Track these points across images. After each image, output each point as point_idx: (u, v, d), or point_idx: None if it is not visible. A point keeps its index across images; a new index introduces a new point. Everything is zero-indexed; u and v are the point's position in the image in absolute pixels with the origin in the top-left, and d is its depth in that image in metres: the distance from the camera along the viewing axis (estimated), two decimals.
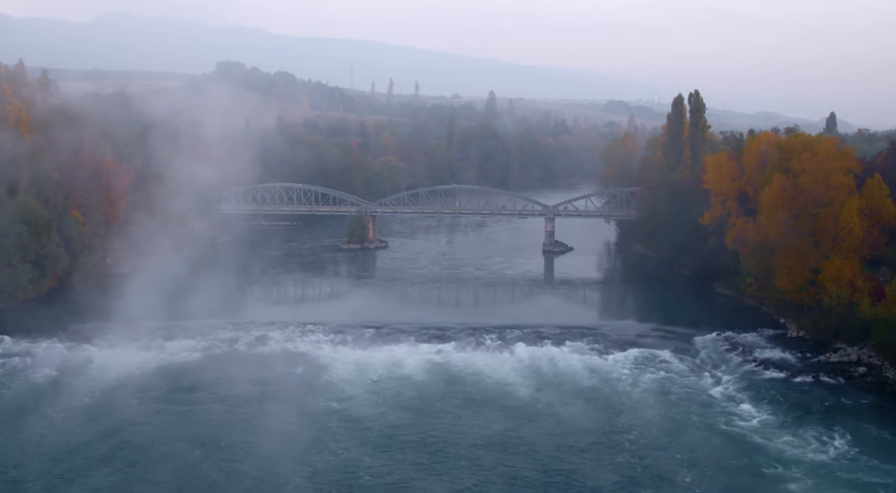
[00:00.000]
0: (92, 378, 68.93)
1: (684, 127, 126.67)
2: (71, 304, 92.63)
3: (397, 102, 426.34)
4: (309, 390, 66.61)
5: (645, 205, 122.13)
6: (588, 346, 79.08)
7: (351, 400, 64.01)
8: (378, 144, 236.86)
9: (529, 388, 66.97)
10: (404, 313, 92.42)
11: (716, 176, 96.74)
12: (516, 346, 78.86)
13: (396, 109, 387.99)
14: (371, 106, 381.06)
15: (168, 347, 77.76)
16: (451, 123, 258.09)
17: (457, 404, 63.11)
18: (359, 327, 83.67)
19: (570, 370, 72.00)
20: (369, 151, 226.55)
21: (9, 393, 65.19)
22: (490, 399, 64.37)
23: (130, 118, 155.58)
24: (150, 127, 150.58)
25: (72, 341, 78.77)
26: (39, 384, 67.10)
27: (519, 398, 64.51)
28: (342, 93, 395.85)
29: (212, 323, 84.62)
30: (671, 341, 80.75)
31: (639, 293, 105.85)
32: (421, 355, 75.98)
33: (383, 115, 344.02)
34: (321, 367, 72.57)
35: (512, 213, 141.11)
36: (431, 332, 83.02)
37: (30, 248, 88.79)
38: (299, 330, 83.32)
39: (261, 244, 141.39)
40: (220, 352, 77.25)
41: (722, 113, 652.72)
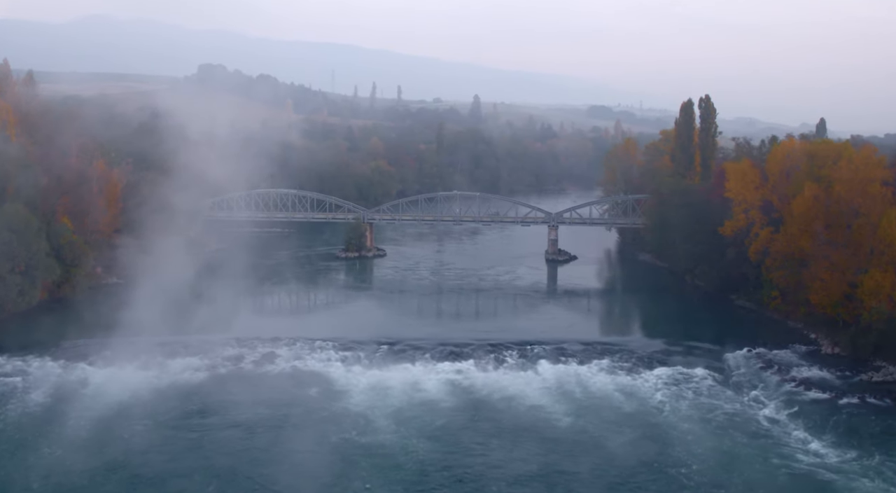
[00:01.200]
0: (91, 402, 64.01)
1: (694, 133, 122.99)
2: (62, 317, 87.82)
3: (380, 105, 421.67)
4: (326, 415, 61.99)
5: (655, 213, 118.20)
6: (615, 364, 75.06)
7: (373, 428, 59.18)
8: (367, 149, 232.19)
9: (563, 413, 62.46)
10: (415, 328, 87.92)
11: (738, 184, 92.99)
12: (539, 364, 74.82)
13: (380, 112, 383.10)
14: (355, 110, 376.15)
15: (169, 366, 72.82)
16: (441, 128, 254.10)
17: (489, 434, 58.45)
18: (370, 343, 79.08)
19: (602, 392, 67.76)
20: (358, 155, 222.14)
21: (3, 419, 60.03)
22: (524, 427, 59.76)
23: (114, 121, 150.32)
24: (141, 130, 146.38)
25: (66, 358, 73.77)
26: (35, 409, 62.09)
27: (555, 426, 59.95)
28: (325, 96, 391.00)
29: (213, 339, 79.81)
30: (701, 359, 76.68)
31: (655, 306, 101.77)
32: (440, 375, 71.66)
33: (367, 119, 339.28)
34: (336, 388, 68.10)
35: (515, 220, 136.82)
36: (447, 349, 78.48)
37: (19, 258, 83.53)
38: (307, 347, 78.57)
39: (254, 252, 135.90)
40: (225, 371, 72.47)
41: None
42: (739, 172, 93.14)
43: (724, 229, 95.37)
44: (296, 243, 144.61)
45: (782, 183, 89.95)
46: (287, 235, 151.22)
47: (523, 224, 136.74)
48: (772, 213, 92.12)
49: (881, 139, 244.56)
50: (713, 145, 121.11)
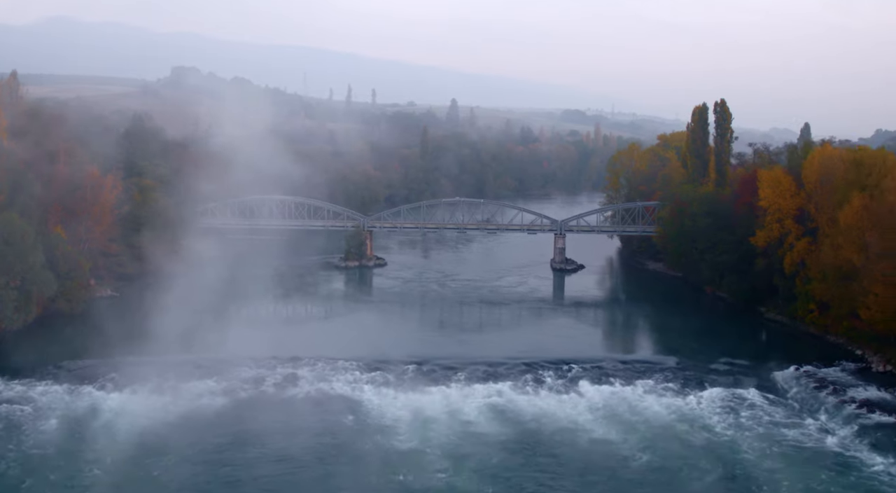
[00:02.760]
0: (108, 432, 58.42)
1: (708, 138, 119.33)
2: (60, 335, 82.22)
3: (355, 109, 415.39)
4: (370, 447, 56.71)
5: (671, 221, 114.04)
6: (659, 384, 70.79)
7: (426, 468, 53.36)
8: (352, 154, 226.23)
9: (628, 446, 57.20)
10: (440, 345, 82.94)
11: (772, 193, 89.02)
12: (580, 385, 70.29)
13: (356, 116, 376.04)
14: (332, 113, 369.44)
15: (184, 390, 67.11)
16: (425, 132, 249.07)
17: (556, 473, 52.69)
18: (396, 363, 73.99)
19: (656, 417, 63.20)
20: (343, 160, 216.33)
21: (13, 454, 54.17)
22: (592, 465, 54.07)
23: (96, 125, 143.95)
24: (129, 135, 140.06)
25: (71, 382, 68.00)
26: (49, 444, 56.06)
27: (626, 464, 54.30)
28: (301, 100, 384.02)
29: (226, 359, 74.32)
30: (748, 378, 72.61)
31: (681, 319, 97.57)
32: (480, 399, 66.77)
33: (344, 122, 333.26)
34: (372, 415, 62.90)
35: (521, 228, 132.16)
36: (479, 368, 73.80)
37: (14, 271, 77.25)
38: (330, 367, 73.25)
39: (248, 262, 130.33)
40: (246, 396, 66.96)
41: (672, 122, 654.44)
42: (773, 179, 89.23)
43: (756, 240, 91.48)
44: (289, 252, 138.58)
45: (819, 191, 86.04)
46: (276, 242, 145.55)
47: (530, 232, 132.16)
48: (807, 222, 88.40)
49: (868, 140, 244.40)
50: (729, 151, 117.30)
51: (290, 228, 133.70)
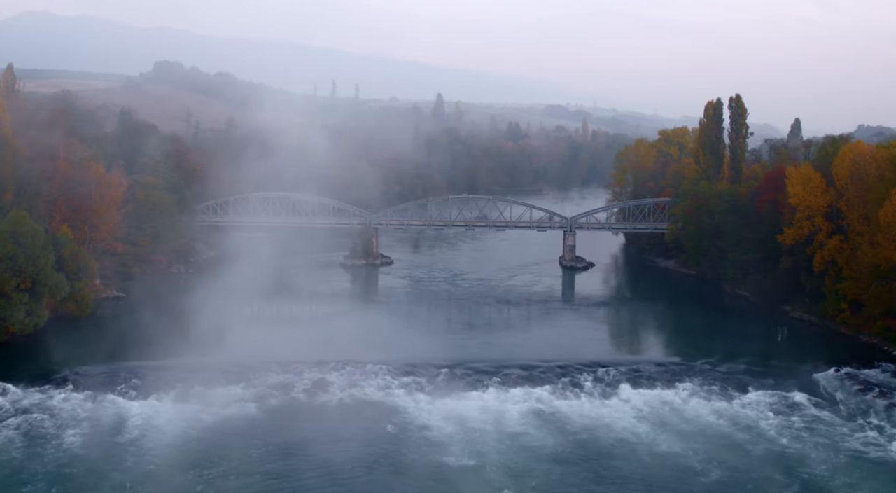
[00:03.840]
0: (140, 443, 55.35)
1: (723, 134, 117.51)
2: (71, 339, 78.95)
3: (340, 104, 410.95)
4: (418, 458, 54.07)
5: (688, 218, 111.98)
6: (700, 387, 68.76)
7: (483, 479, 50.73)
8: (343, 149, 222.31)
9: (687, 454, 54.54)
10: (468, 348, 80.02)
11: (803, 190, 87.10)
12: (620, 389, 68.09)
13: (342, 112, 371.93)
14: (320, 109, 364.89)
15: (211, 397, 64.11)
16: (417, 127, 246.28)
17: (623, 487, 50.46)
18: (427, 367, 71.34)
19: (711, 425, 60.81)
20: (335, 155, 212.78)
21: (41, 471, 50.92)
22: (653, 475, 51.62)
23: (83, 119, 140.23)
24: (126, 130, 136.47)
25: (90, 388, 64.79)
26: (76, 457, 52.91)
27: (686, 471, 52.01)
28: (286, 95, 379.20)
29: (250, 363, 71.14)
30: (789, 380, 70.52)
31: (705, 318, 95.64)
32: (520, 405, 64.38)
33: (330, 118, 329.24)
34: (413, 423, 60.24)
35: (530, 225, 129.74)
36: (513, 372, 71.33)
37: (26, 273, 73.86)
38: (359, 371, 70.45)
39: (251, 260, 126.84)
40: (276, 403, 64.09)
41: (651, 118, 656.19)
42: (804, 176, 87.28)
43: (784, 237, 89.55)
44: (292, 250, 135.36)
45: (851, 189, 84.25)
46: (280, 241, 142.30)
47: (539, 229, 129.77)
48: (838, 220, 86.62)
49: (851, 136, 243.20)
50: (744, 148, 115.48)
51: (293, 225, 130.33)
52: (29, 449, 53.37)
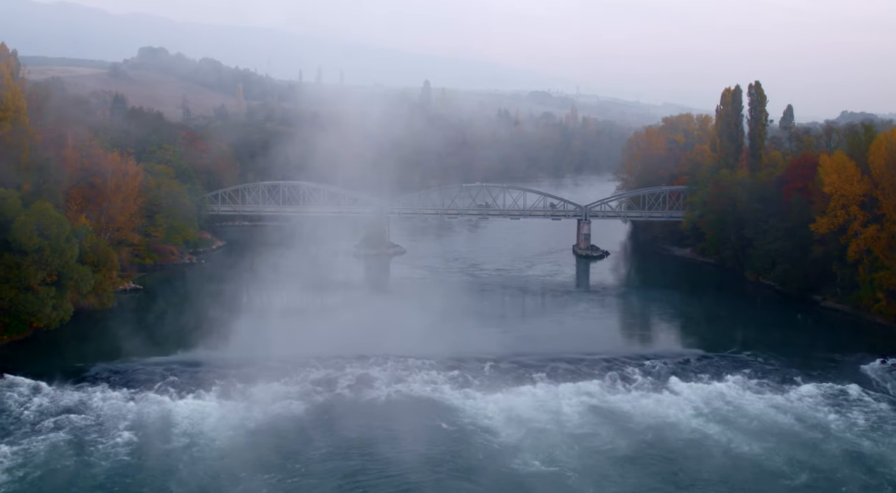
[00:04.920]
0: (192, 445, 53.02)
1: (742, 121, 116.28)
2: (98, 334, 76.97)
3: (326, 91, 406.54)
4: (483, 458, 52.10)
5: (710, 207, 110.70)
6: (749, 380, 67.49)
7: (562, 484, 48.63)
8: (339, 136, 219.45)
9: (765, 455, 52.45)
10: (506, 341, 77.17)
11: (839, 178, 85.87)
12: (671, 382, 66.66)
13: (328, 98, 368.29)
14: (303, 96, 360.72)
15: (254, 394, 62.02)
16: (413, 114, 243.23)
17: (698, 487, 48.74)
18: (470, 361, 69.49)
19: (772, 419, 59.15)
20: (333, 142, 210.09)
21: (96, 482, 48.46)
22: (737, 479, 49.49)
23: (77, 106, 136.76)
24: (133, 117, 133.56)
25: (128, 386, 62.63)
26: (128, 461, 50.33)
27: (770, 474, 49.97)
28: (272, 82, 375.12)
29: (285, 358, 68.86)
30: (837, 371, 69.63)
31: (735, 308, 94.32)
32: (572, 399, 62.73)
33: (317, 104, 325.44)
34: (468, 420, 58.27)
35: (544, 214, 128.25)
36: (559, 365, 69.56)
37: (51, 266, 71.29)
38: (401, 366, 68.59)
39: (261, 251, 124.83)
40: (323, 400, 62.03)
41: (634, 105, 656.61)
42: (839, 165, 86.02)
43: (818, 226, 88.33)
44: (302, 240, 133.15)
45: (887, 177, 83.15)
46: (280, 229, 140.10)
47: (554, 218, 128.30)
48: (873, 209, 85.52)
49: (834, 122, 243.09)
50: (764, 135, 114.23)
51: (303, 214, 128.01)
52: (79, 457, 50.67)
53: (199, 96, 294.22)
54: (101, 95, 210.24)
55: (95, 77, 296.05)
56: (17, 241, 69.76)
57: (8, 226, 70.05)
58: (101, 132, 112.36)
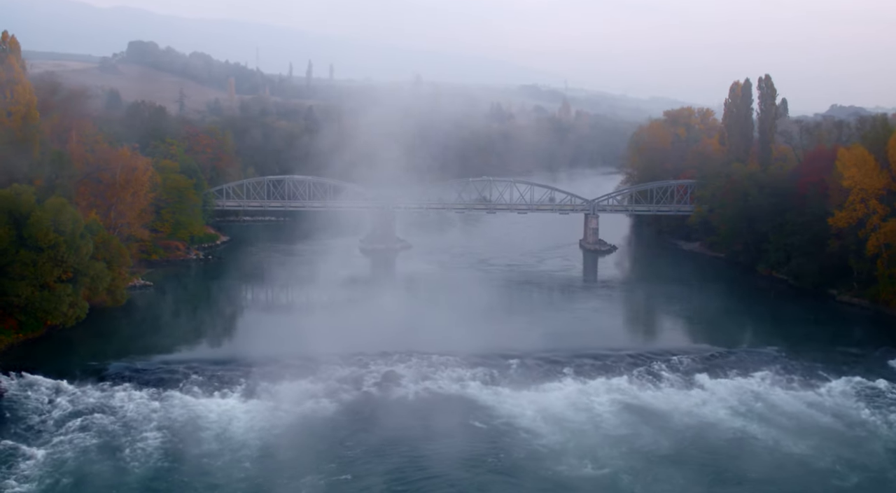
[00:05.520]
0: (224, 446, 51.83)
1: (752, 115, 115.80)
2: (115, 332, 75.79)
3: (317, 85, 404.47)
4: (522, 457, 51.24)
5: (722, 200, 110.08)
6: (777, 376, 67.00)
7: (608, 484, 48.00)
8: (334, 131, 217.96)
9: (812, 454, 51.57)
10: (527, 338, 75.57)
11: (858, 172, 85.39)
12: (698, 377, 66.14)
13: (320, 92, 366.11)
14: (295, 90, 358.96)
15: (280, 392, 60.92)
16: (409, 109, 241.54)
17: (750, 489, 48.02)
18: (495, 358, 68.46)
19: (810, 417, 58.49)
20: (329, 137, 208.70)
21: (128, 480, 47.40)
22: (787, 480, 48.67)
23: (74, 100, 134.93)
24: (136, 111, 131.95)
25: (150, 385, 61.33)
26: (163, 471, 48.44)
27: (819, 474, 49.13)
28: (262, 76, 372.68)
29: (307, 355, 67.52)
30: (865, 366, 69.17)
31: (749, 302, 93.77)
32: (603, 396, 62.07)
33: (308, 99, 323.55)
34: (501, 418, 57.49)
35: (552, 208, 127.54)
36: (584, 361, 68.71)
37: (67, 263, 69.88)
38: (426, 363, 67.55)
39: (266, 246, 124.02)
40: (351, 398, 60.98)
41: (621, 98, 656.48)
42: (859, 158, 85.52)
43: (836, 220, 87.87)
44: (304, 235, 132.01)
45: None
46: (281, 224, 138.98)
47: (562, 212, 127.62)
48: (893, 203, 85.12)
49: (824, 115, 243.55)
50: (774, 129, 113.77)
51: (307, 209, 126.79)
52: (111, 462, 49.05)
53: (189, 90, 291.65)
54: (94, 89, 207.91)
55: (85, 71, 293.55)
56: (33, 237, 68.35)
57: (23, 222, 68.59)
58: (105, 126, 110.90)
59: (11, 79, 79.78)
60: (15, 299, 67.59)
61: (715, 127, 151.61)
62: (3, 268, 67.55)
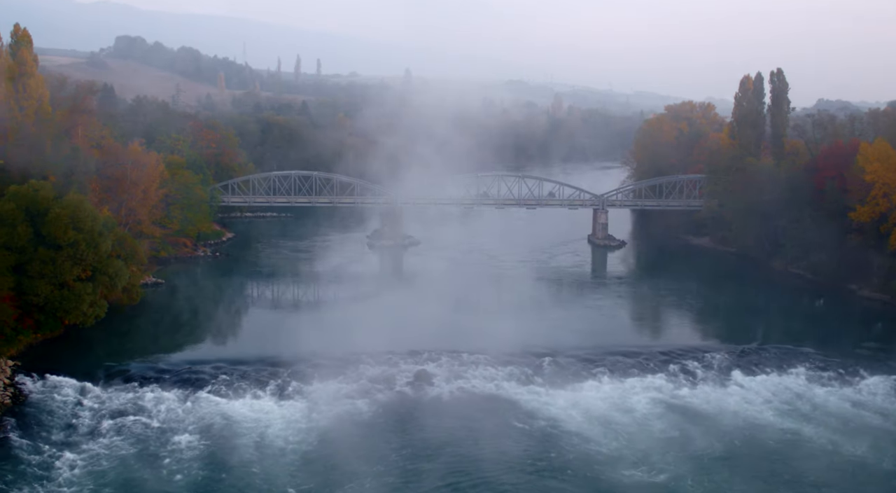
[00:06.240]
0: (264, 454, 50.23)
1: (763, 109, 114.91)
2: (129, 330, 74.72)
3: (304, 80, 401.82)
4: (574, 458, 50.19)
5: (736, 195, 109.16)
6: (812, 373, 66.31)
7: (659, 484, 47.17)
8: (334, 126, 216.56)
9: (863, 452, 51.14)
10: (555, 335, 74.06)
11: (881, 167, 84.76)
12: (734, 375, 65.39)
13: (310, 88, 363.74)
14: (285, 85, 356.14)
15: (312, 393, 59.56)
16: (405, 104, 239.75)
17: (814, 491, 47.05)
18: (526, 356, 67.19)
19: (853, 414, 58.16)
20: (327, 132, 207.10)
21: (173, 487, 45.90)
22: (837, 476, 48.08)
23: None
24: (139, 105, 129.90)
25: (177, 386, 59.86)
26: (205, 480, 47.15)
27: (872, 472, 48.69)
28: (251, 71, 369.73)
29: (334, 355, 66.14)
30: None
31: (770, 298, 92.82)
32: (641, 395, 61.17)
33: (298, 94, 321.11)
34: (544, 418, 56.40)
35: (561, 203, 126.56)
36: (617, 359, 67.72)
37: (86, 261, 68.06)
38: (456, 362, 66.26)
39: (273, 242, 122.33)
40: (385, 398, 59.63)
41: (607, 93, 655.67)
42: (881, 153, 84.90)
43: (858, 215, 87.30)
44: (309, 231, 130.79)
45: None
46: (285, 220, 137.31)
47: (571, 207, 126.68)
48: None
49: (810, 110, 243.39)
50: (786, 123, 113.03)
51: (315, 205, 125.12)
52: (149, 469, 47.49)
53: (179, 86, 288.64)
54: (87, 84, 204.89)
55: (73, 66, 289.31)
56: (52, 234, 66.52)
57: (41, 219, 66.75)
58: (108, 121, 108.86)
59: (24, 73, 77.83)
60: (34, 298, 65.74)
61: (716, 121, 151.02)
62: (22, 266, 65.71)
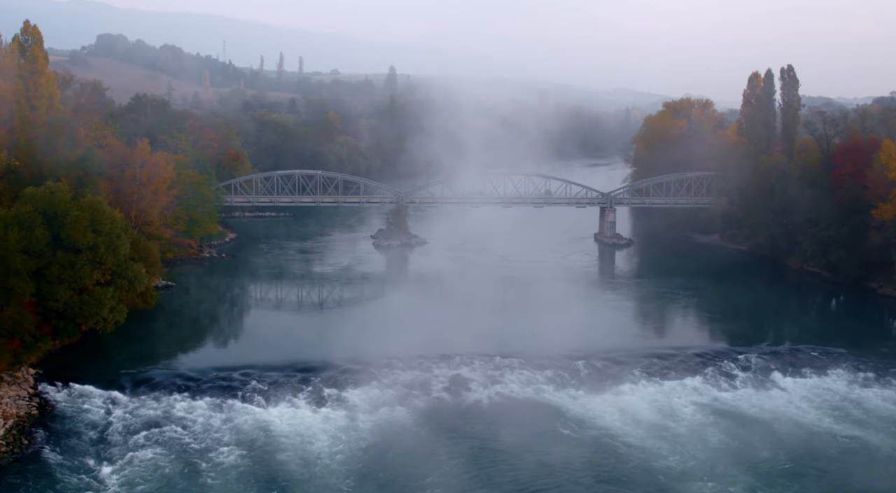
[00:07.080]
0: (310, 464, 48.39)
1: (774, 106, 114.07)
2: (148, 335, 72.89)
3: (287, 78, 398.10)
4: (633, 466, 48.74)
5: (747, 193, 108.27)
6: (853, 374, 65.57)
7: None
8: (323, 123, 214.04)
9: None
10: (588, 337, 71.38)
11: None
12: (773, 377, 64.57)
13: (293, 86, 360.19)
14: (269, 83, 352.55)
15: (349, 400, 57.84)
16: (394, 101, 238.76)
17: None
18: (560, 359, 65.58)
19: None
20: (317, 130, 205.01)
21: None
22: None
23: None
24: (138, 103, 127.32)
25: (209, 395, 57.87)
26: (255, 487, 45.69)
27: None
28: (235, 69, 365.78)
29: (365, 359, 64.18)
30: None
31: (789, 298, 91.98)
32: (683, 398, 60.18)
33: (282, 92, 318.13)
34: (590, 423, 55.04)
35: (568, 202, 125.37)
36: (652, 361, 66.51)
37: (105, 265, 65.76)
38: (490, 366, 64.69)
39: (273, 242, 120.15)
40: (423, 404, 57.95)
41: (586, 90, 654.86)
42: None
43: (881, 213, 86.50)
44: (312, 231, 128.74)
45: None
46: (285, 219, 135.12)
47: (578, 206, 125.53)
48: None
49: None
50: (797, 120, 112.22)
51: (318, 204, 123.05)
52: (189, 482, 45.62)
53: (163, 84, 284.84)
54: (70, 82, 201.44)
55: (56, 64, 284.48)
56: (70, 238, 64.05)
57: (59, 222, 64.37)
58: (109, 120, 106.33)
59: (35, 70, 75.30)
60: (53, 303, 63.32)
61: (715, 118, 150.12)
62: (41, 271, 63.22)
